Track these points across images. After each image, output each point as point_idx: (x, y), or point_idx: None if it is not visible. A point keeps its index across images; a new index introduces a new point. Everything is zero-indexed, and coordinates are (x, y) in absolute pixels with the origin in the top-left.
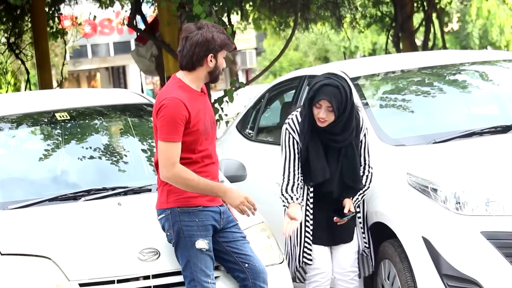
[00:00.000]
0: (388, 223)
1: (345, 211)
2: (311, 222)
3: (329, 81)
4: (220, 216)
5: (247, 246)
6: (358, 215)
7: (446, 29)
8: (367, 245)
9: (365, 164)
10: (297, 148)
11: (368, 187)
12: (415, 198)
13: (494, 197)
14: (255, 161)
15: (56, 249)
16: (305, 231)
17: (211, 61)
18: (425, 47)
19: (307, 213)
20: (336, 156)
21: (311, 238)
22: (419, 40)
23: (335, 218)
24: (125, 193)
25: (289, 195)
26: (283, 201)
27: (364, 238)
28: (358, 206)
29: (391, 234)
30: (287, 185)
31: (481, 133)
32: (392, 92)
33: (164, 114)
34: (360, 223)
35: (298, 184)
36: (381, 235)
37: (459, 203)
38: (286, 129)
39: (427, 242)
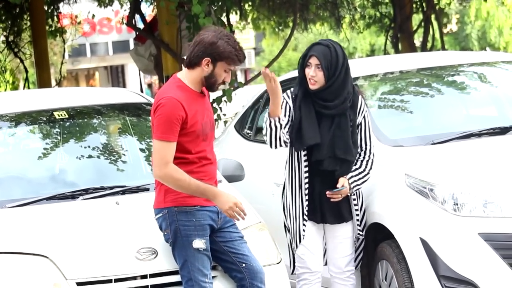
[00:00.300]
0: (386, 224)
1: (338, 185)
2: (307, 197)
3: (320, 41)
4: (218, 215)
5: (245, 246)
6: (355, 202)
7: (445, 30)
8: (361, 232)
9: (366, 148)
10: (290, 115)
11: (368, 173)
12: (413, 199)
13: (492, 199)
14: (253, 161)
15: (54, 248)
16: (301, 206)
17: (206, 65)
18: (424, 48)
19: (304, 186)
20: (329, 125)
21: (306, 213)
22: (418, 41)
23: (327, 192)
24: (123, 192)
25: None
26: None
27: (358, 222)
28: (355, 195)
29: (388, 235)
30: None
31: (479, 134)
32: (391, 93)
33: (160, 113)
34: (357, 210)
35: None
36: (379, 235)
37: (457, 204)
38: (283, 96)
39: (424, 243)
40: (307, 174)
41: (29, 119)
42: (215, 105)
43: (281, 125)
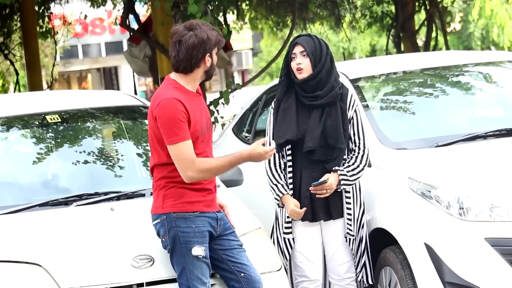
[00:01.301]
0: (389, 229)
1: (321, 178)
2: (291, 192)
3: (301, 34)
4: (217, 222)
5: (244, 254)
6: (348, 200)
7: (448, 29)
8: (351, 231)
9: (359, 143)
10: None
11: (362, 169)
12: (417, 204)
13: (498, 203)
14: (252, 165)
15: (47, 256)
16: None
17: (208, 60)
18: (427, 47)
19: (288, 181)
20: (319, 116)
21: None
22: (420, 40)
23: (310, 187)
24: (118, 198)
25: (276, 182)
26: (271, 188)
27: (349, 221)
28: (350, 192)
29: (392, 241)
30: (269, 162)
31: (485, 136)
32: (393, 94)
33: (164, 117)
34: (349, 208)
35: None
36: (382, 241)
37: (462, 208)
38: (270, 108)
39: (429, 249)
40: (290, 169)
41: (21, 123)
42: (212, 107)
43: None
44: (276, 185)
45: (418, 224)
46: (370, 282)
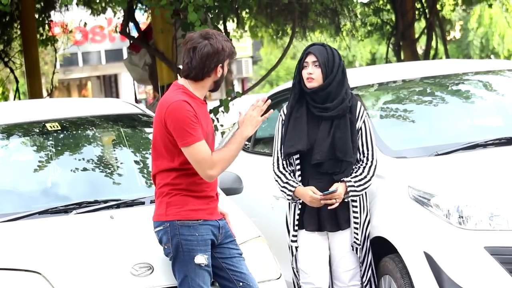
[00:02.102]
0: (389, 238)
1: (331, 188)
2: (299, 206)
3: (315, 43)
4: (219, 230)
5: (243, 263)
6: (355, 210)
7: (448, 38)
8: (358, 240)
9: (367, 154)
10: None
11: (370, 180)
12: (416, 212)
13: (498, 211)
14: (252, 173)
15: (47, 264)
16: (296, 213)
17: (219, 71)
18: (426, 56)
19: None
20: (328, 128)
21: (297, 222)
22: (420, 48)
23: (319, 196)
24: (118, 206)
25: (284, 176)
26: (282, 188)
27: (356, 230)
28: (358, 201)
29: (391, 249)
30: (278, 161)
31: (484, 145)
32: (393, 102)
33: (175, 120)
34: (356, 217)
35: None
36: (382, 250)
37: (462, 217)
38: (279, 114)
39: (429, 258)
40: (300, 178)
41: (20, 131)
42: (211, 115)
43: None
44: (287, 182)
45: (417, 232)
46: None
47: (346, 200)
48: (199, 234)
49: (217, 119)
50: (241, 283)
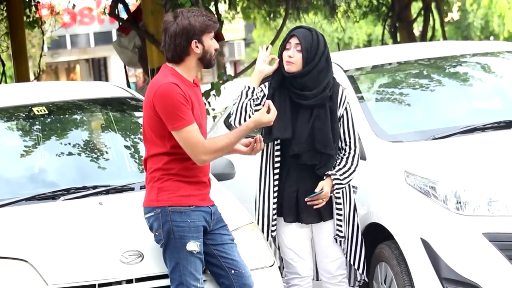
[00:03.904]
0: (385, 224)
1: (316, 189)
2: (275, 194)
3: (302, 25)
4: (211, 217)
5: (235, 249)
6: (338, 201)
7: (446, 19)
8: (341, 233)
9: (349, 142)
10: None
11: (354, 170)
12: (413, 198)
13: (496, 197)
14: (244, 158)
15: (34, 252)
16: (271, 202)
17: (196, 47)
18: (423, 37)
19: (273, 183)
20: (307, 117)
21: (274, 211)
22: (417, 30)
23: (306, 198)
24: (107, 192)
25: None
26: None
27: (340, 222)
28: (340, 192)
29: (387, 236)
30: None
31: (483, 128)
32: (389, 85)
33: (165, 103)
34: (339, 208)
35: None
36: (377, 236)
37: (459, 202)
38: (260, 87)
39: (426, 244)
40: (277, 171)
41: (6, 115)
42: (203, 99)
43: (252, 97)
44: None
45: (414, 218)
46: (366, 279)
47: (331, 194)
48: (191, 221)
49: (209, 103)
50: (233, 271)
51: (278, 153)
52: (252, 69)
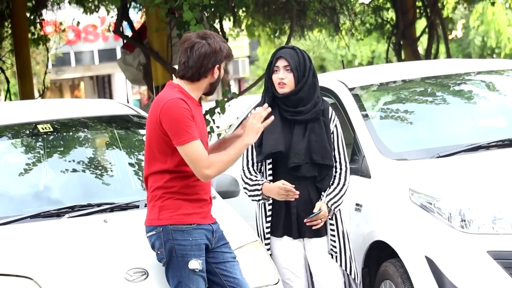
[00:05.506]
0: (389, 242)
1: (315, 210)
2: (269, 213)
3: (284, 46)
4: (213, 234)
5: (237, 268)
6: (331, 221)
7: (450, 37)
8: (335, 248)
9: (340, 159)
10: None
11: (345, 186)
12: (417, 216)
13: (501, 215)
14: None
15: (39, 269)
16: (264, 221)
17: (216, 72)
18: (428, 55)
19: (267, 202)
20: (302, 132)
21: (267, 229)
22: (421, 48)
23: (305, 220)
24: (112, 210)
25: (254, 177)
26: (252, 189)
27: (333, 238)
28: (333, 216)
29: (392, 254)
30: (247, 164)
31: (487, 146)
32: (394, 103)
33: (171, 118)
34: (332, 224)
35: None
36: (382, 254)
37: (464, 220)
38: (249, 112)
39: (430, 262)
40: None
41: (11, 132)
42: (208, 117)
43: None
44: (256, 183)
45: (419, 236)
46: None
47: (330, 216)
48: (192, 239)
49: (213, 120)
50: None
51: (270, 172)
52: (256, 86)
